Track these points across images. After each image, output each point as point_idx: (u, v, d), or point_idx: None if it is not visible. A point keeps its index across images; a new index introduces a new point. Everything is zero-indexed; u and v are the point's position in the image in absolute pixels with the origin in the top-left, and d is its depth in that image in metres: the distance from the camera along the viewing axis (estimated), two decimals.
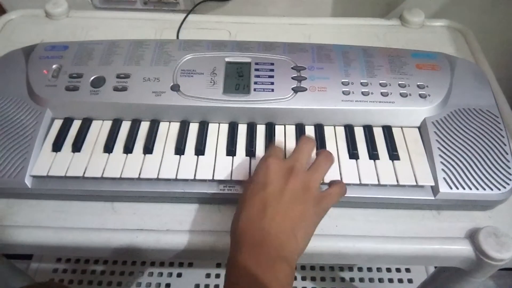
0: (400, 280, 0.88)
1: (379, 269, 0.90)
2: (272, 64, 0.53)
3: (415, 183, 0.46)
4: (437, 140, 0.48)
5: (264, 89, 0.51)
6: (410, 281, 0.88)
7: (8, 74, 0.53)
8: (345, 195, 0.46)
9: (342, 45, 0.57)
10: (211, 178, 0.46)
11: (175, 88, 0.51)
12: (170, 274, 0.89)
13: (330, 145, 0.49)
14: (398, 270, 0.90)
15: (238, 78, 0.52)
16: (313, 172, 0.41)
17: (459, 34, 0.70)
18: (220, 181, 0.46)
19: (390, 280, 0.88)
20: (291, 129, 0.51)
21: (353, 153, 0.48)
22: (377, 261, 0.47)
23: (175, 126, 0.51)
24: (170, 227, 0.46)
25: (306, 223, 0.39)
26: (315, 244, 0.44)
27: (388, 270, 0.90)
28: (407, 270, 0.90)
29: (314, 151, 0.45)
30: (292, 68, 0.53)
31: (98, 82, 0.51)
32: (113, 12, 0.73)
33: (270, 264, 0.36)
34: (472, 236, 0.45)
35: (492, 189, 0.45)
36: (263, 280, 0.35)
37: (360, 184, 0.46)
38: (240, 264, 0.36)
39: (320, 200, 0.40)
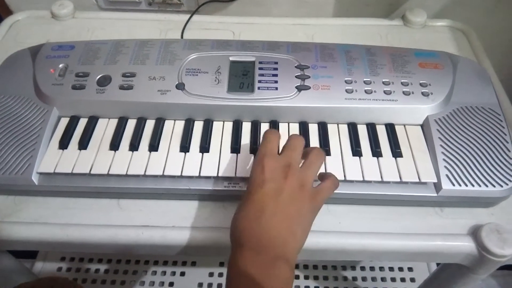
0: (403, 279, 0.88)
1: (381, 268, 0.90)
2: (276, 63, 0.54)
3: (417, 180, 0.46)
4: (439, 138, 0.49)
5: (268, 87, 0.51)
6: (412, 280, 0.88)
7: (15, 73, 0.54)
8: (348, 192, 0.46)
9: (345, 44, 0.57)
10: (215, 175, 0.46)
11: (180, 86, 0.51)
12: (173, 273, 0.90)
13: (333, 143, 0.50)
14: (400, 269, 0.90)
15: (242, 77, 0.53)
16: (307, 169, 0.41)
17: (461, 34, 0.70)
18: (225, 178, 0.47)
19: (393, 279, 0.88)
20: (295, 127, 0.52)
21: (356, 151, 0.49)
22: (380, 258, 0.47)
23: (180, 124, 0.51)
24: (175, 223, 0.46)
25: (303, 220, 0.39)
26: (319, 241, 0.45)
27: (391, 269, 0.90)
28: (410, 269, 0.90)
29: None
30: (295, 67, 0.54)
31: (104, 81, 0.52)
32: (118, 13, 0.73)
33: (270, 264, 0.36)
34: (475, 233, 0.45)
35: (494, 186, 0.45)
36: (264, 281, 0.35)
37: (363, 181, 0.47)
38: (240, 265, 0.36)
39: (314, 196, 0.40)
